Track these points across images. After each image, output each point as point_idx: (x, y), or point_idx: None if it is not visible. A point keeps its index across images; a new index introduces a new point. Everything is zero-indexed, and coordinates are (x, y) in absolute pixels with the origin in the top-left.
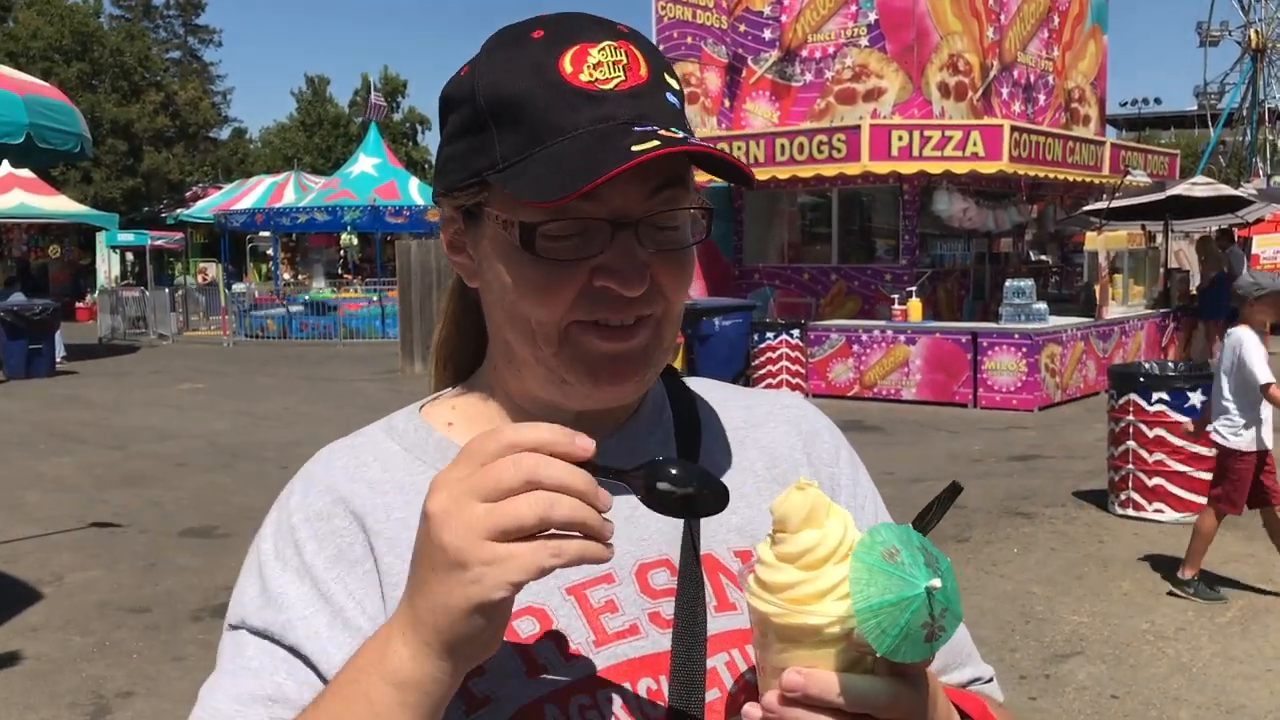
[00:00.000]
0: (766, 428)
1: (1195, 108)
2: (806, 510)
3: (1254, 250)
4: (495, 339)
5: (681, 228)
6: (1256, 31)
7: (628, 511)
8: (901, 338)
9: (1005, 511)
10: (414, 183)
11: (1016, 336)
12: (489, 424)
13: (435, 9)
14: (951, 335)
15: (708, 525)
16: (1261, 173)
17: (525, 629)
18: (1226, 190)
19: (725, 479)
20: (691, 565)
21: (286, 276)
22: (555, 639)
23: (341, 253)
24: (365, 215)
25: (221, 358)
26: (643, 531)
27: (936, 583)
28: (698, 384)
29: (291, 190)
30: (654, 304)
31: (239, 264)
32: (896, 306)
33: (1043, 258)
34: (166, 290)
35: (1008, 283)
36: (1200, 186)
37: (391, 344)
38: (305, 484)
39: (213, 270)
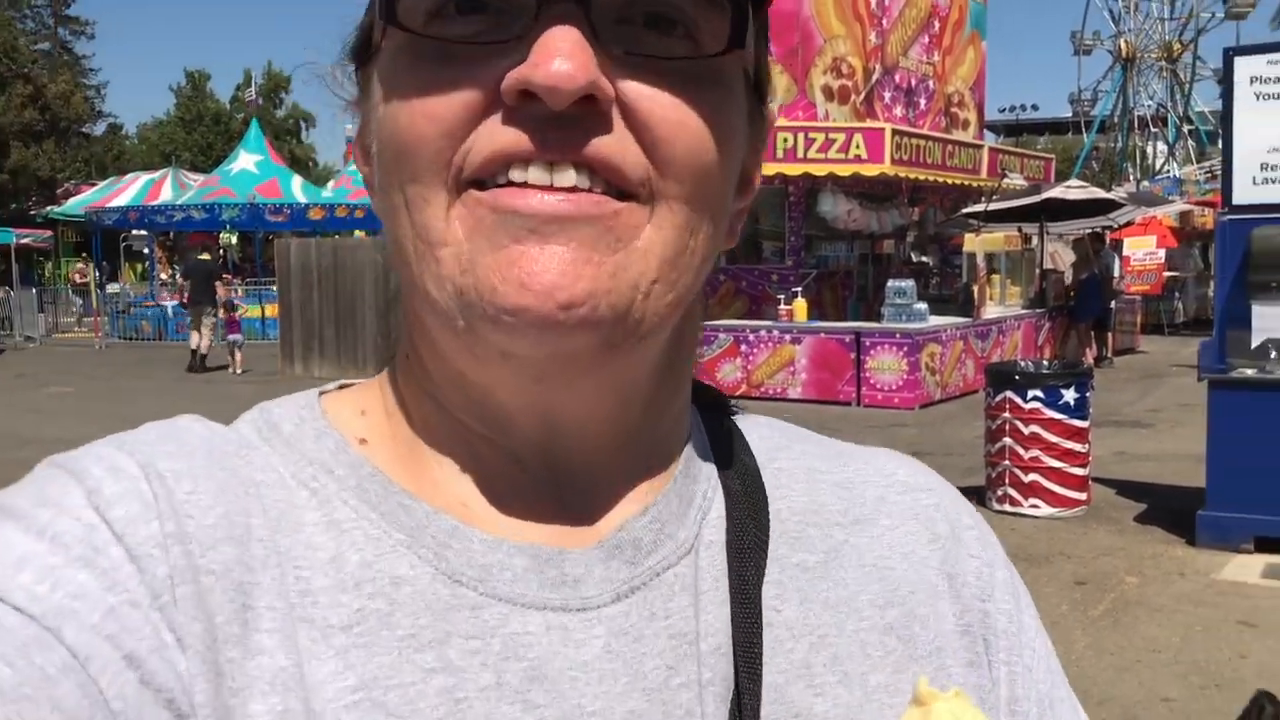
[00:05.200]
0: (879, 525)
1: (1070, 114)
2: None
3: (1125, 252)
4: (405, 294)
5: (694, 36)
6: (1126, 42)
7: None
8: (787, 337)
9: None
10: (296, 180)
11: (898, 336)
12: (402, 442)
13: (321, 3)
14: (835, 335)
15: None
16: (1132, 177)
17: None
18: (1099, 194)
19: (810, 624)
20: None
21: (163, 276)
22: None
23: (221, 252)
24: (244, 213)
25: (93, 360)
26: None
27: None
28: (757, 429)
29: (169, 188)
30: (622, 160)
31: (113, 263)
32: (783, 306)
33: (923, 259)
34: (34, 290)
35: (889, 283)
36: (1074, 190)
37: (271, 345)
38: (134, 509)
39: (90, 271)
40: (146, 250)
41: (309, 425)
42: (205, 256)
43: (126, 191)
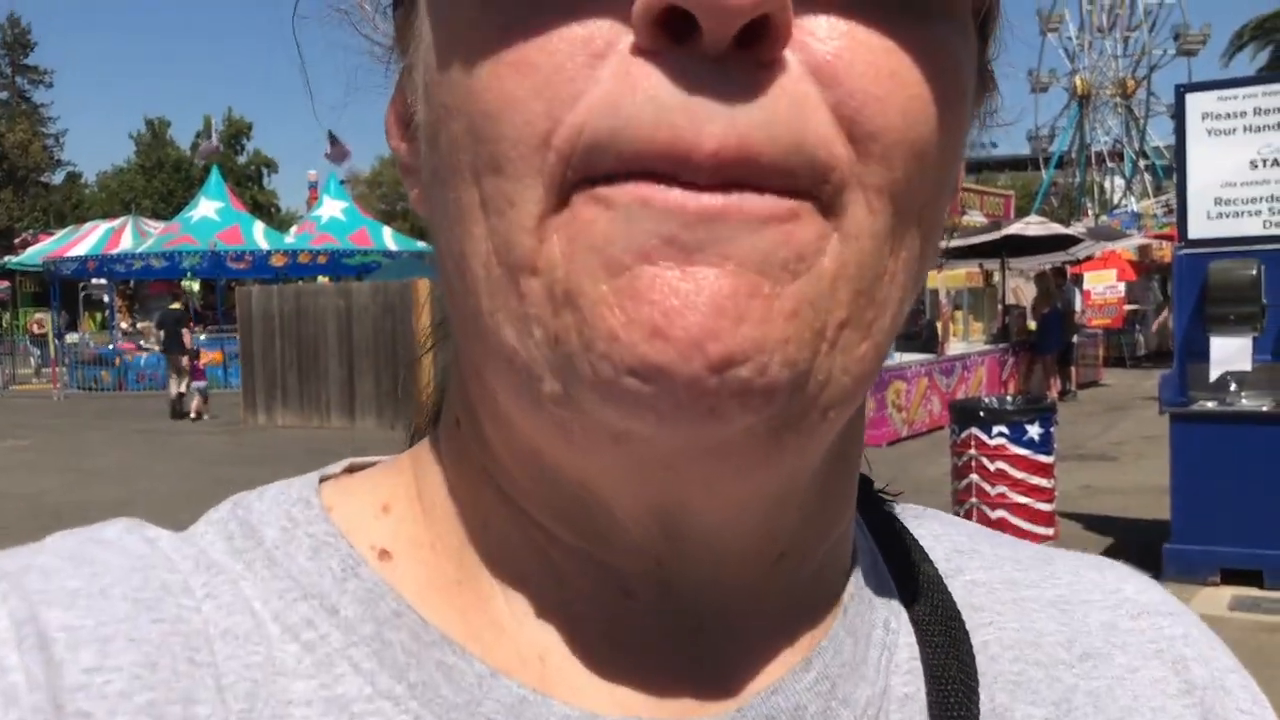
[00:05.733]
0: (1114, 665)
1: (1029, 151)
2: None
3: (1085, 286)
4: (459, 337)
5: None
6: (1082, 79)
7: None
8: None
9: None
10: (258, 226)
11: None
12: (446, 554)
13: (282, 49)
14: None
15: None
16: (1090, 212)
17: None
18: (1059, 229)
19: None
20: None
21: (124, 325)
22: None
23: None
24: (205, 261)
25: (51, 411)
26: None
27: None
28: (924, 524)
29: (129, 236)
30: (803, 134)
31: (72, 313)
32: None
33: None
34: None
35: None
36: (1034, 226)
37: (234, 394)
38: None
39: (49, 321)
40: (106, 299)
41: (303, 531)
42: (176, 305)
43: (85, 240)
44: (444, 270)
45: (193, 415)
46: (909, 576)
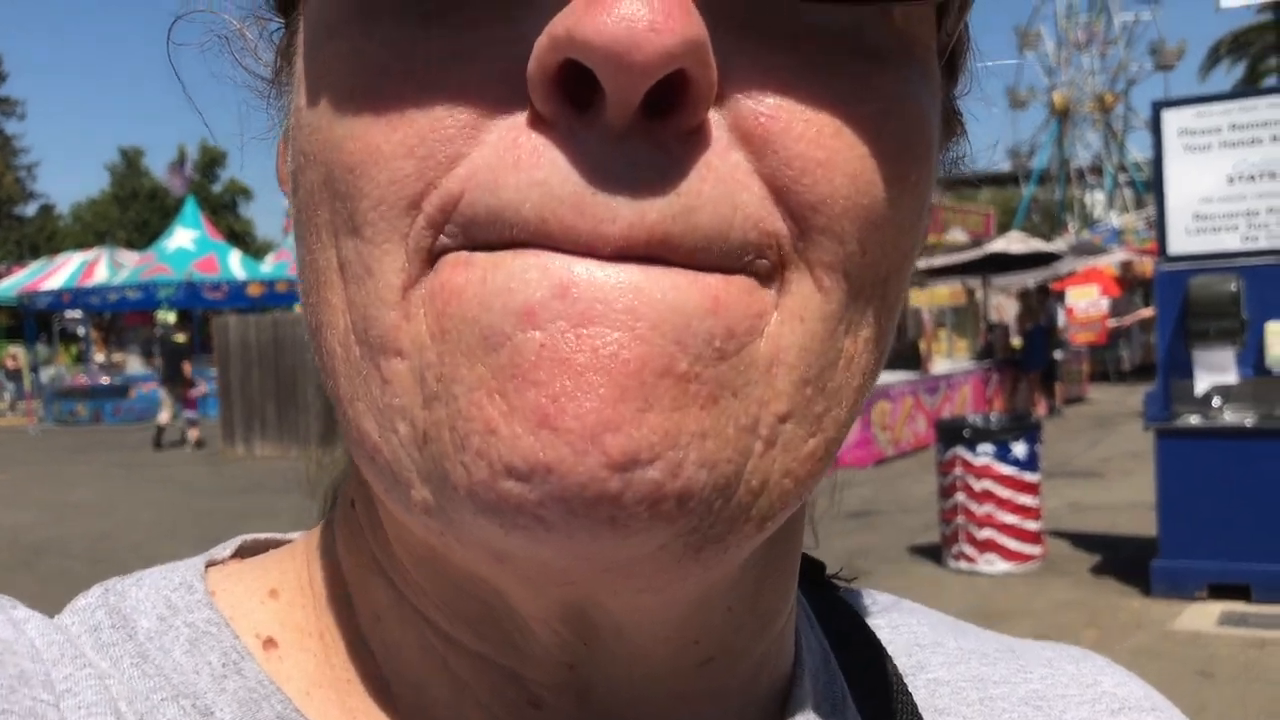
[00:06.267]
0: None
1: (1010, 167)
2: None
3: (1068, 302)
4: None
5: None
6: (1060, 95)
7: None
8: None
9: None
10: (235, 255)
11: None
12: (338, 643)
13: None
14: None
15: None
16: (1071, 228)
17: None
18: (1042, 245)
19: None
20: None
21: (100, 358)
22: None
23: (159, 331)
24: (181, 292)
25: (27, 446)
26: None
27: None
28: (883, 614)
29: (104, 267)
30: (731, 210)
31: (48, 346)
32: None
33: None
34: None
35: None
36: (1016, 243)
37: (212, 425)
38: None
39: (23, 355)
40: (81, 331)
41: (182, 620)
42: (180, 338)
43: (60, 273)
44: (311, 339)
45: (194, 443)
46: (865, 677)
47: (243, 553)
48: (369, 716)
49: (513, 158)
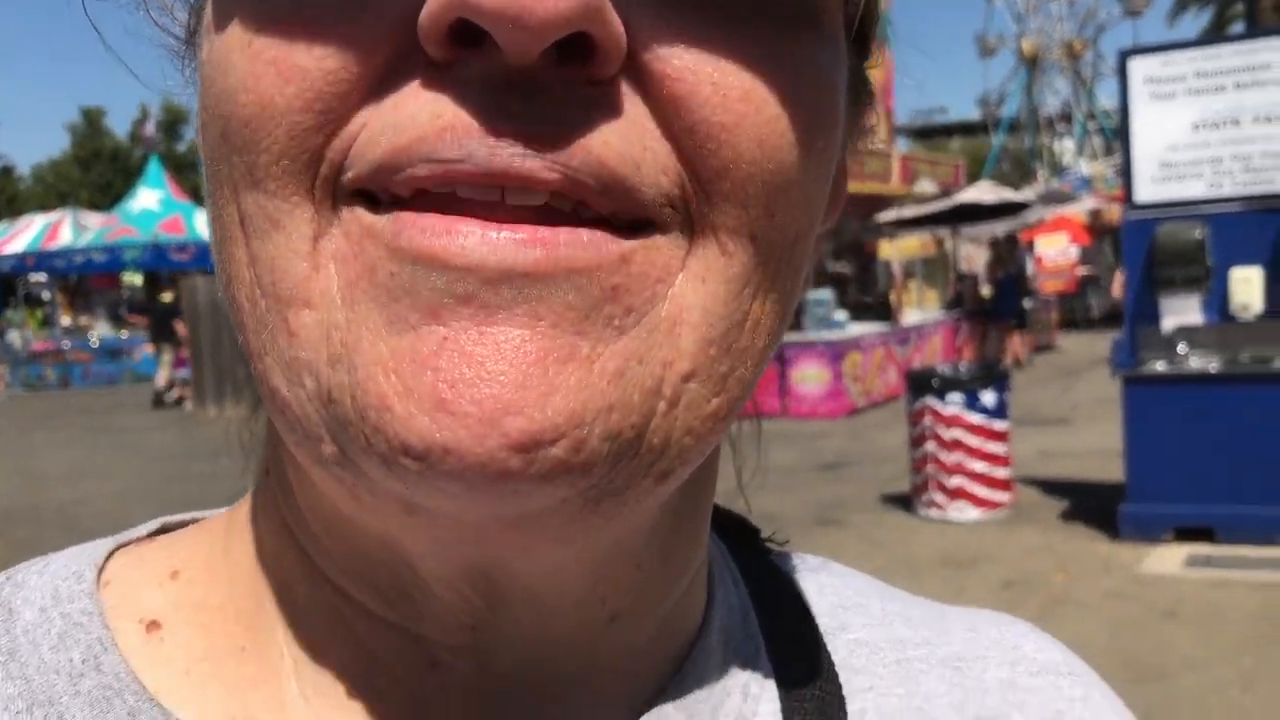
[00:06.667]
0: None
1: (980, 116)
2: None
3: (1038, 251)
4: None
5: None
6: (1029, 42)
7: None
8: None
9: (817, 521)
10: (201, 215)
11: (820, 346)
12: (235, 621)
13: None
14: None
15: None
16: (1041, 176)
17: None
18: (1012, 196)
19: None
20: None
21: (66, 321)
22: None
23: (126, 294)
24: (147, 253)
25: None
26: None
27: None
28: (810, 575)
29: (68, 229)
30: (637, 167)
31: (14, 310)
32: None
33: (840, 268)
34: None
35: (808, 293)
36: (986, 193)
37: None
38: None
39: None
40: (46, 295)
41: (59, 611)
42: (167, 297)
43: (22, 235)
44: (223, 293)
45: (178, 399)
46: (784, 635)
47: (166, 531)
48: (259, 686)
49: (411, 107)
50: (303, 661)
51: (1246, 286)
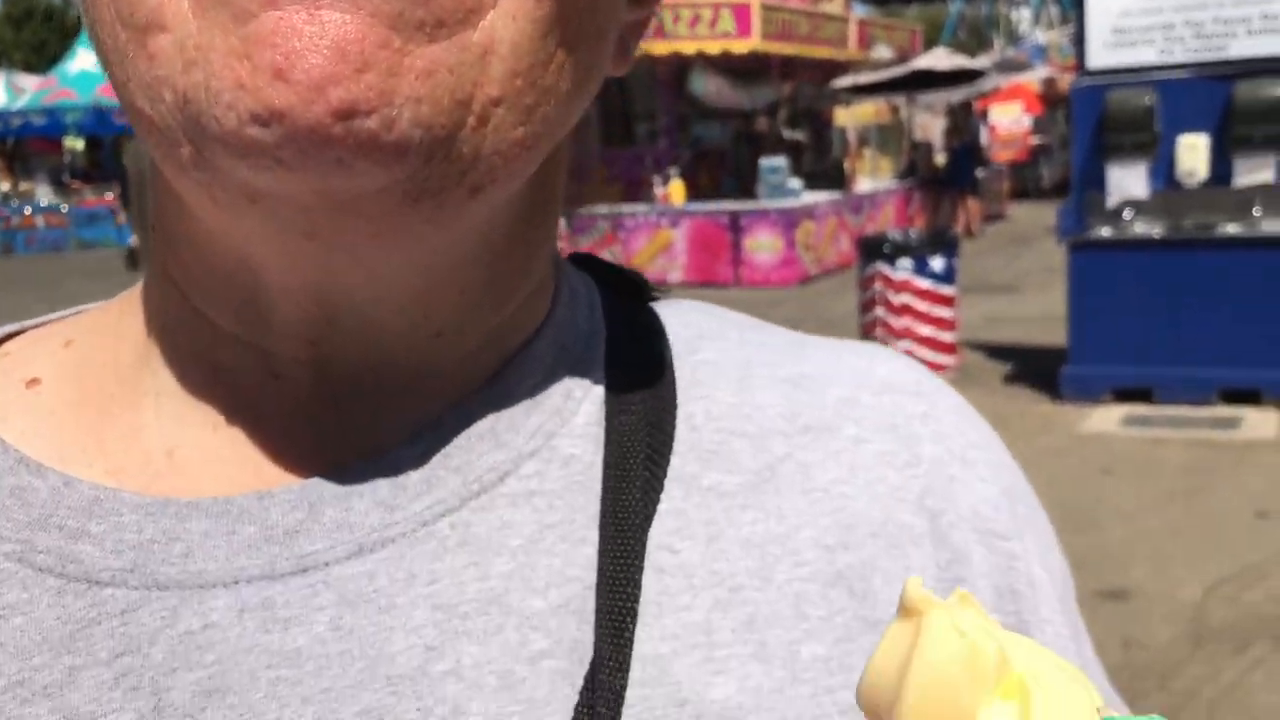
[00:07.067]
0: (840, 437)
1: None
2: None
3: (991, 120)
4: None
5: None
6: None
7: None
8: (664, 221)
9: None
10: None
11: (773, 215)
12: (112, 370)
13: None
14: (712, 216)
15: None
16: (997, 45)
17: None
18: (969, 63)
19: (718, 571)
20: None
21: (5, 187)
22: None
23: (67, 159)
24: (89, 117)
25: None
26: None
27: None
28: (681, 314)
29: (2, 91)
30: None
31: None
32: (659, 190)
33: (796, 135)
34: None
35: (762, 161)
36: (942, 60)
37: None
38: None
39: None
40: None
41: None
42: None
43: None
44: (92, 42)
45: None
46: (629, 356)
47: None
48: (118, 419)
49: None
50: (165, 394)
51: (1193, 153)
